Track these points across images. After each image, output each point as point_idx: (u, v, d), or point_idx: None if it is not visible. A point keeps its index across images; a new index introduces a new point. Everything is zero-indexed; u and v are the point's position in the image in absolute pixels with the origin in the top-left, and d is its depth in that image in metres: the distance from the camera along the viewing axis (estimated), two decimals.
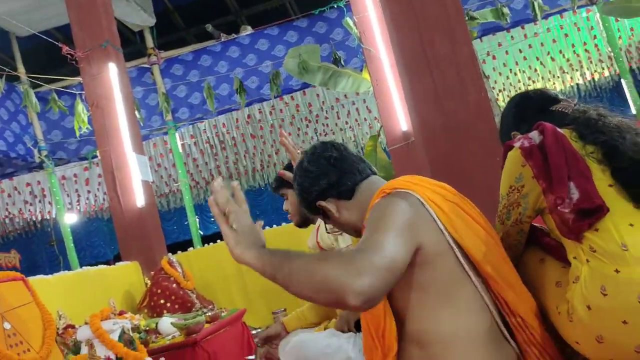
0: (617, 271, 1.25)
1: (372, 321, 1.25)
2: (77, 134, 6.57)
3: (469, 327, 1.22)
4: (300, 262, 1.11)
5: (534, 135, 1.46)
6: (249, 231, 1.19)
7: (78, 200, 9.83)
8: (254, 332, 4.68)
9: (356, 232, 1.49)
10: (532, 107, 1.68)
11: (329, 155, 1.48)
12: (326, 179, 1.46)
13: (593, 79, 10.98)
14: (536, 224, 1.57)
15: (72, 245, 7.57)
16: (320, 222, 2.23)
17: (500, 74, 9.79)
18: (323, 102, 9.26)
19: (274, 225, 6.00)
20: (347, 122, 9.85)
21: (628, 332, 1.25)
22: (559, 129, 1.44)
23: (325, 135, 9.69)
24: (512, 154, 1.49)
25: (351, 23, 5.75)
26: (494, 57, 9.32)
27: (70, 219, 9.19)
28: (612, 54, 8.30)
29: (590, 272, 1.29)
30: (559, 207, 1.33)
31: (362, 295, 1.04)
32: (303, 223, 2.32)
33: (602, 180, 1.36)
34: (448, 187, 1.36)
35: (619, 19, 8.26)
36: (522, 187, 1.45)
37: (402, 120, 5.31)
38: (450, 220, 1.25)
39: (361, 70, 6.25)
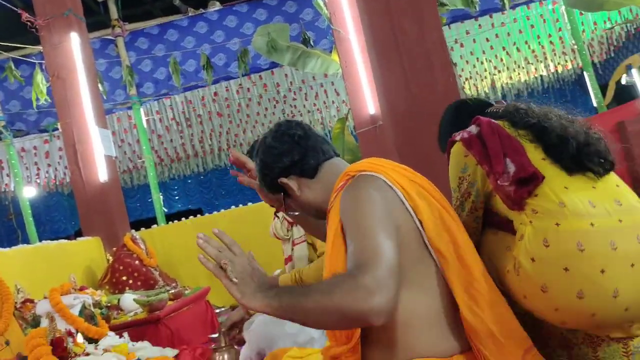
0: (557, 224, 1.39)
1: None
2: (35, 104, 6.36)
3: (428, 306, 1.25)
4: (310, 301, 1.10)
5: (472, 128, 1.63)
6: (249, 278, 1.18)
7: (37, 174, 9.58)
8: (217, 310, 4.68)
9: (317, 212, 1.48)
10: (468, 113, 1.85)
11: (294, 133, 1.48)
12: (290, 156, 1.46)
13: (557, 71, 11.23)
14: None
15: (30, 219, 7.38)
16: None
17: (467, 62, 9.91)
18: (291, 82, 9.21)
19: (240, 205, 5.97)
20: (314, 104, 9.83)
21: (569, 278, 1.36)
22: (493, 120, 1.61)
23: (292, 116, 9.65)
24: (454, 148, 1.66)
25: (321, 3, 5.71)
26: (461, 45, 9.41)
27: (29, 192, 8.94)
28: (575, 47, 8.47)
29: (533, 230, 1.42)
30: (498, 182, 1.47)
31: (383, 312, 1.06)
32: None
33: (535, 156, 1.52)
34: (410, 170, 1.38)
35: (583, 12, 8.41)
36: (468, 176, 1.61)
37: (370, 104, 5.32)
38: (415, 201, 1.27)
39: (330, 52, 6.23)
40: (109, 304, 3.71)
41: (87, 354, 1.70)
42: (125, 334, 1.89)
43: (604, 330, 1.43)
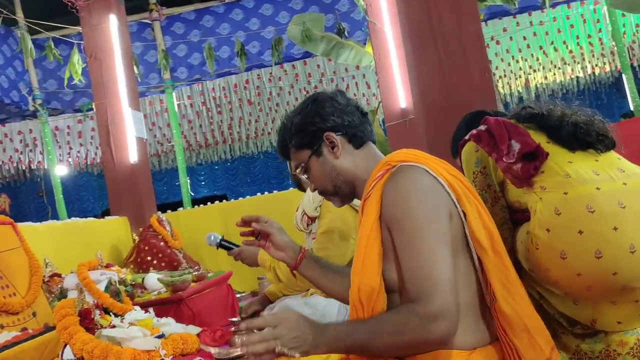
0: (565, 193, 1.47)
1: (364, 295, 1.25)
2: (66, 83, 6.46)
3: (461, 297, 1.23)
4: (381, 344, 1.15)
5: (480, 127, 1.73)
6: (301, 335, 1.12)
7: (69, 153, 9.76)
8: (238, 295, 4.72)
9: (341, 184, 1.43)
10: (480, 119, 1.92)
11: (355, 103, 1.49)
12: (350, 117, 1.43)
13: (593, 72, 10.98)
14: None
15: (61, 197, 7.53)
16: (300, 204, 2.22)
17: (502, 60, 9.74)
18: (323, 73, 9.19)
19: (266, 192, 6.00)
20: None
21: (585, 240, 1.41)
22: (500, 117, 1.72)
23: None
24: (465, 148, 1.77)
25: None
26: (497, 42, 9.26)
27: (60, 170, 9.13)
28: (615, 48, 8.26)
29: (544, 203, 1.50)
30: (504, 159, 1.57)
31: (451, 334, 1.15)
32: (299, 186, 2.33)
33: (539, 139, 1.61)
34: (447, 163, 1.36)
35: (625, 13, 8.21)
36: (484, 169, 1.70)
37: (401, 97, 5.29)
38: (458, 193, 1.25)
39: (364, 44, 6.20)
40: (133, 282, 3.77)
41: (113, 327, 1.73)
42: (151, 309, 1.92)
43: (630, 293, 1.43)
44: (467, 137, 1.76)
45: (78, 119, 9.12)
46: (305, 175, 1.48)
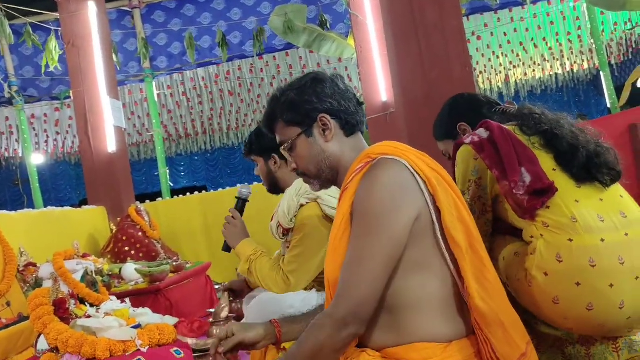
0: (570, 240, 1.44)
1: (332, 285, 1.26)
2: (43, 70, 6.35)
3: (436, 291, 1.24)
4: (301, 349, 1.22)
5: (481, 131, 1.63)
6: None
7: (46, 141, 9.61)
8: (217, 286, 4.70)
9: (325, 168, 1.40)
10: (475, 107, 1.91)
11: (352, 90, 1.46)
12: (347, 104, 1.40)
13: (572, 70, 11.12)
14: None
15: (37, 185, 7.42)
16: (274, 213, 2.21)
17: (483, 55, 9.81)
18: (305, 65, 9.16)
19: (246, 184, 5.97)
20: None
21: (580, 292, 1.41)
22: (503, 125, 1.62)
23: None
24: (463, 150, 1.66)
25: None
26: (478, 38, 9.32)
27: (37, 159, 8.98)
28: (594, 46, 8.37)
29: (546, 244, 1.46)
30: (514, 191, 1.49)
31: (356, 336, 1.21)
32: (272, 190, 2.32)
33: (547, 165, 1.54)
34: (428, 156, 1.35)
35: (604, 11, 8.31)
36: (479, 180, 1.62)
37: (382, 90, 5.30)
38: (435, 189, 1.24)
39: (346, 36, 6.19)
40: (110, 273, 3.74)
41: (89, 317, 1.71)
42: (127, 300, 1.91)
43: (607, 335, 1.49)
44: (466, 141, 1.66)
45: (55, 107, 8.96)
46: (289, 154, 1.44)
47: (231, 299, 2.56)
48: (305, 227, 2.03)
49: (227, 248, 2.18)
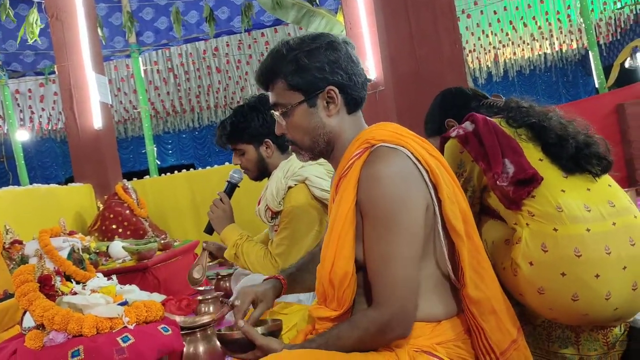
0: (555, 230, 1.43)
1: (337, 279, 1.24)
2: (18, 41, 6.20)
3: (431, 273, 1.23)
4: (346, 347, 1.19)
5: (467, 125, 1.63)
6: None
7: (31, 118, 9.48)
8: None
9: (319, 142, 1.32)
10: (463, 101, 1.91)
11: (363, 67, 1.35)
12: (356, 79, 1.29)
13: (561, 49, 11.12)
14: None
15: (22, 162, 7.35)
16: (262, 196, 2.17)
17: (472, 34, 9.78)
18: None
19: (226, 163, 5.95)
20: None
21: (566, 282, 1.41)
22: (489, 118, 1.62)
23: None
24: (449, 144, 1.66)
25: None
26: (468, 16, 9.28)
27: (22, 136, 8.87)
28: (582, 25, 8.37)
29: (531, 233, 1.45)
30: (497, 182, 1.48)
31: (404, 335, 1.19)
32: (259, 177, 2.24)
33: (533, 156, 1.54)
34: (427, 141, 1.31)
35: None
36: (464, 172, 1.61)
37: (371, 68, 5.26)
38: (437, 178, 1.22)
39: (336, 13, 6.13)
40: (97, 250, 3.71)
41: (75, 294, 1.70)
42: (114, 277, 1.89)
43: (590, 325, 1.49)
44: (452, 134, 1.65)
45: (40, 82, 8.83)
46: (282, 119, 1.33)
47: (209, 261, 2.51)
48: (294, 210, 2.00)
49: (209, 230, 2.14)
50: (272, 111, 1.36)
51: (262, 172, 2.18)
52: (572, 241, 1.41)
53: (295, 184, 2.02)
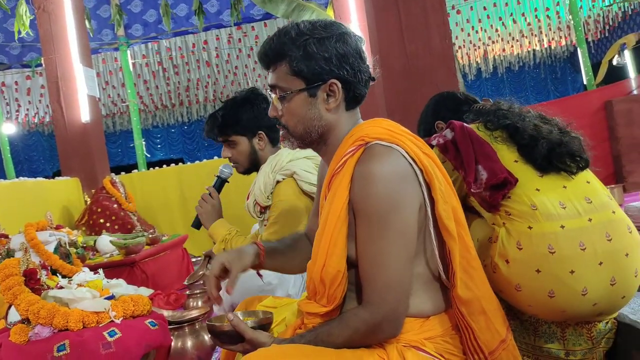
0: (529, 227, 1.46)
1: (329, 277, 1.22)
2: (16, 36, 6.15)
3: (421, 272, 1.23)
4: (335, 345, 1.19)
5: (447, 132, 1.67)
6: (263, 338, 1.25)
7: (17, 111, 9.38)
8: (193, 259, 4.68)
9: (318, 135, 1.30)
10: (454, 106, 1.94)
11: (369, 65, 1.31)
12: (361, 76, 1.26)
13: (549, 46, 11.19)
14: None
15: (9, 156, 7.25)
16: (250, 190, 2.16)
17: (462, 29, 9.80)
18: None
19: (215, 157, 5.92)
20: None
21: (541, 279, 1.43)
22: (466, 124, 1.66)
23: None
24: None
25: None
26: (458, 12, 9.30)
27: (8, 129, 8.77)
28: (571, 22, 8.41)
29: (507, 232, 1.49)
30: (472, 190, 1.53)
31: (395, 334, 1.19)
32: (249, 170, 2.22)
33: (508, 158, 1.58)
34: (420, 140, 1.29)
35: None
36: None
37: None
38: (430, 177, 1.21)
39: (325, 7, 6.11)
40: (85, 245, 3.68)
41: (61, 288, 1.68)
42: (101, 271, 1.87)
43: (573, 321, 1.51)
44: (432, 142, 1.67)
45: (26, 74, 8.73)
46: (280, 102, 1.29)
47: (209, 266, 2.53)
48: (282, 204, 1.99)
49: (197, 224, 2.12)
50: (269, 92, 1.33)
51: (252, 165, 2.16)
52: (545, 238, 1.44)
53: (284, 179, 2.02)
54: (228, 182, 2.12)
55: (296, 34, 1.25)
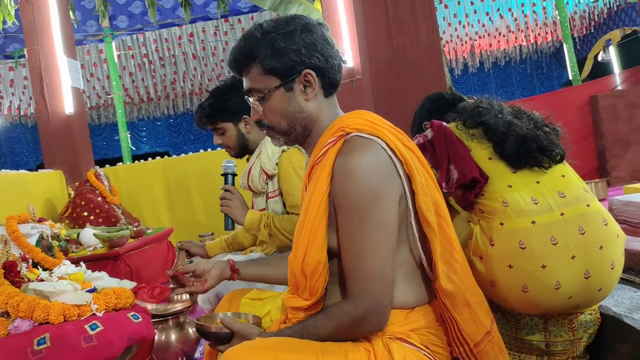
0: (501, 224, 1.48)
1: (309, 268, 1.22)
2: (0, 27, 6.05)
3: (403, 263, 1.22)
4: (319, 338, 1.19)
5: (428, 132, 1.69)
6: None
7: (0, 103, 9.24)
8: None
9: (302, 127, 1.30)
10: (443, 106, 1.92)
11: (339, 49, 1.31)
12: (333, 61, 1.27)
13: (536, 42, 11.25)
14: None
15: None
16: (252, 163, 2.16)
17: (449, 24, 9.82)
18: None
19: (209, 150, 5.88)
20: None
21: (514, 274, 1.46)
22: (445, 124, 1.68)
23: None
24: None
25: None
26: (445, 6, 9.31)
27: None
28: (558, 18, 8.45)
29: (480, 229, 1.52)
30: (443, 190, 1.51)
31: (380, 327, 1.18)
32: (241, 153, 2.24)
33: (483, 156, 1.60)
34: (402, 132, 1.29)
35: None
36: None
37: (348, 57, 5.24)
38: (411, 169, 1.20)
39: (313, 0, 6.08)
40: (68, 238, 3.64)
41: (41, 280, 1.65)
42: (82, 264, 1.84)
43: (550, 314, 1.53)
44: (415, 142, 1.66)
45: (9, 66, 8.60)
46: (259, 103, 1.30)
47: (189, 260, 2.51)
48: (292, 171, 2.01)
49: (231, 224, 2.10)
50: (247, 97, 1.32)
51: (243, 148, 2.20)
52: (516, 234, 1.46)
53: (289, 148, 2.04)
54: (236, 174, 2.12)
55: (261, 34, 1.25)
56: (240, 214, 2.06)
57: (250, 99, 1.32)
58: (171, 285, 2.54)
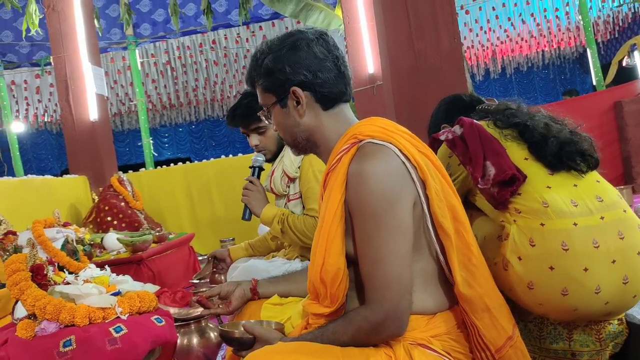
0: (542, 224, 1.45)
1: (329, 276, 1.23)
2: (24, 34, 6.18)
3: (423, 268, 1.22)
4: (339, 343, 1.19)
5: (456, 128, 1.67)
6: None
7: (27, 109, 9.43)
8: (200, 258, 4.69)
9: (300, 141, 1.34)
10: (460, 108, 1.91)
11: (336, 55, 1.31)
12: (324, 75, 1.28)
13: (559, 47, 11.13)
14: None
15: (17, 154, 7.31)
16: (275, 166, 2.17)
17: (470, 30, 9.77)
18: None
19: (230, 155, 5.93)
20: None
21: (554, 276, 1.41)
22: (475, 121, 1.65)
23: None
24: (441, 148, 1.72)
25: None
26: (467, 12, 9.26)
27: (17, 127, 8.82)
28: (581, 23, 8.36)
29: (518, 229, 1.48)
30: (479, 185, 1.51)
31: (399, 332, 1.18)
32: (276, 155, 2.22)
33: (518, 156, 1.57)
34: (416, 138, 1.30)
35: None
36: (450, 175, 1.58)
37: (369, 62, 5.25)
38: (425, 175, 1.21)
39: (334, 7, 6.10)
40: (92, 242, 3.69)
41: (67, 283, 1.68)
42: (107, 267, 1.87)
43: (583, 321, 1.49)
44: (441, 137, 1.69)
45: (36, 73, 8.78)
46: (266, 119, 1.40)
47: (214, 269, 2.55)
48: (312, 175, 2.02)
49: (248, 215, 2.11)
50: (260, 114, 1.43)
51: (279, 149, 2.18)
52: (559, 235, 1.42)
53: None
54: (263, 169, 2.13)
55: (259, 55, 1.33)
56: (258, 206, 2.07)
57: (262, 116, 1.41)
58: (194, 290, 2.57)
